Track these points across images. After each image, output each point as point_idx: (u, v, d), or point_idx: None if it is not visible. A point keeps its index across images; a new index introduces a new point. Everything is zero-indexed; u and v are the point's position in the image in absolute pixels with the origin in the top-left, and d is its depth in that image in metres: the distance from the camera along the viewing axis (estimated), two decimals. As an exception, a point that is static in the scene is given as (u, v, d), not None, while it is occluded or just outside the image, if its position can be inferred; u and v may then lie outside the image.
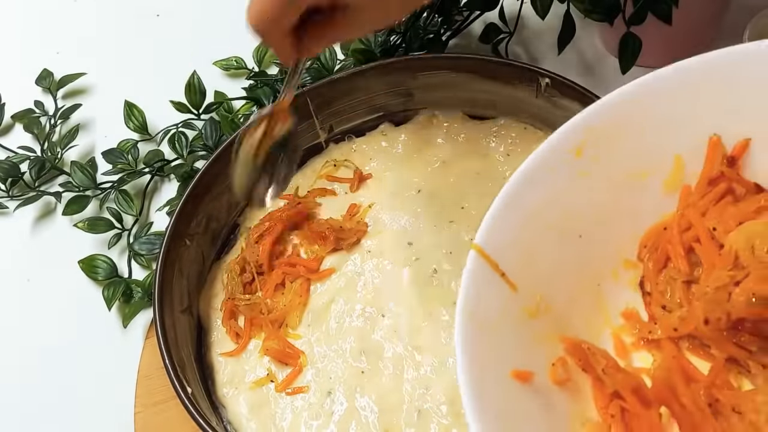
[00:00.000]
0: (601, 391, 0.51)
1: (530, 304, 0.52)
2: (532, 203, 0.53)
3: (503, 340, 0.51)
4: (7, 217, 0.88)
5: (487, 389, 0.48)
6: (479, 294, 0.50)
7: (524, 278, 0.52)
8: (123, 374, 0.74)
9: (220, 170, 0.75)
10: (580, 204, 0.55)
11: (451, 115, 0.80)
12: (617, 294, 0.55)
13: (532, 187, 0.54)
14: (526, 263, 0.53)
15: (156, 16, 1.04)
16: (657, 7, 0.73)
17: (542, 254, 0.53)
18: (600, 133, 0.54)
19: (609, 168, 0.54)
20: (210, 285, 0.75)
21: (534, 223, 0.53)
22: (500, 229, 0.53)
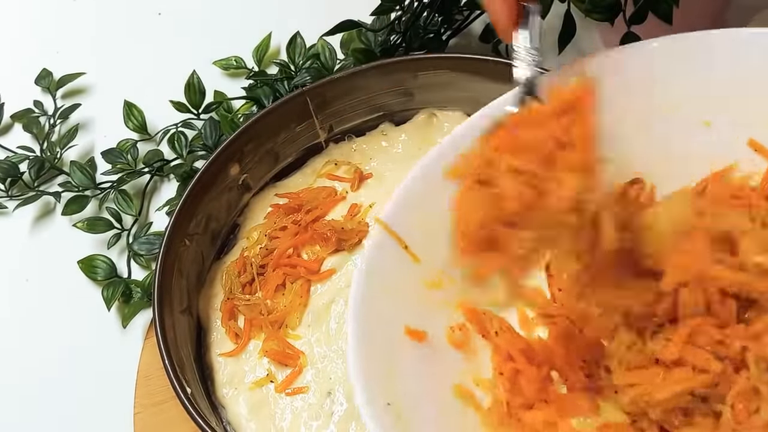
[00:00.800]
0: (498, 353, 0.55)
1: (431, 276, 0.56)
2: (437, 183, 0.55)
3: (400, 302, 0.55)
4: (6, 217, 0.88)
5: (376, 342, 0.52)
6: (381, 260, 0.55)
7: (428, 253, 0.56)
8: (122, 374, 0.73)
9: (219, 170, 0.75)
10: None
11: (451, 115, 0.80)
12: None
13: (438, 170, 0.56)
14: (429, 240, 0.56)
15: (158, 15, 1.04)
16: (657, 7, 0.73)
17: (445, 231, 0.54)
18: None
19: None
20: (209, 285, 0.74)
21: (438, 202, 0.54)
22: (404, 205, 0.56)
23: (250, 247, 0.75)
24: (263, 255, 0.73)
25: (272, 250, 0.73)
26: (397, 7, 0.83)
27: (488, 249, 0.48)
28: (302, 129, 0.79)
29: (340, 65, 0.88)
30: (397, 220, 0.56)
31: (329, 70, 0.88)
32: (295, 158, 0.80)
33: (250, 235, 0.76)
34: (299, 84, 0.85)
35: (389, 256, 0.55)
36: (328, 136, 0.81)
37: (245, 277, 0.72)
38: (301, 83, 0.85)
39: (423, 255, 0.56)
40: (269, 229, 0.75)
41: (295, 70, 0.90)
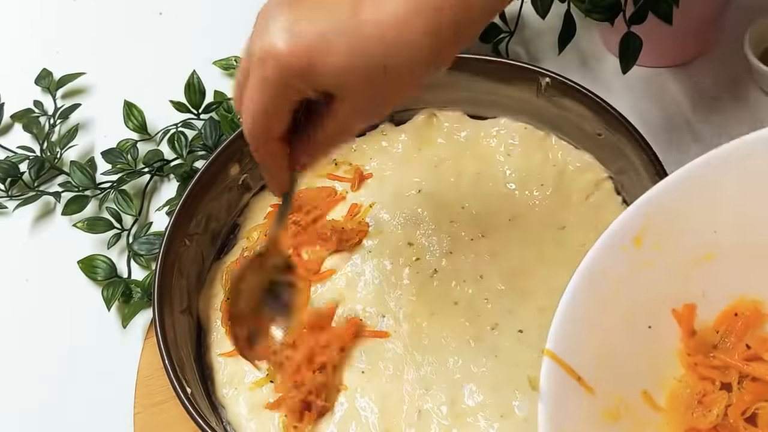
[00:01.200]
0: None
1: (609, 406, 0.50)
2: (597, 301, 0.52)
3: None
4: (6, 217, 0.88)
5: None
6: (558, 401, 0.48)
7: (600, 379, 0.50)
8: (122, 374, 0.73)
9: (219, 170, 0.75)
10: (646, 295, 0.53)
11: (451, 115, 0.80)
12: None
13: (596, 285, 0.52)
14: (599, 363, 0.51)
15: (158, 15, 1.04)
16: (657, 7, 0.73)
17: (614, 352, 0.52)
18: (659, 218, 0.52)
19: (672, 254, 0.53)
20: (210, 285, 0.74)
21: (602, 321, 0.52)
22: (570, 331, 0.50)
23: (250, 247, 0.75)
24: (263, 255, 0.73)
25: (272, 250, 0.73)
26: (397, 7, 0.83)
27: None
28: (302, 129, 0.79)
29: (340, 65, 0.88)
30: (564, 347, 0.50)
31: (329, 70, 0.88)
32: (295, 158, 0.80)
33: (250, 235, 0.76)
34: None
35: (567, 396, 0.49)
36: (328, 136, 0.81)
37: (245, 277, 0.72)
38: (301, 83, 0.84)
39: (595, 383, 0.50)
40: (269, 229, 0.75)
41: (295, 70, 0.90)
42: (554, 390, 0.48)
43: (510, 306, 0.67)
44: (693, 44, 0.84)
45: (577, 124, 0.73)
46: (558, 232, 0.70)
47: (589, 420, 0.49)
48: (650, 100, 0.83)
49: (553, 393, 0.48)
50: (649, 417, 0.52)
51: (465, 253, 0.70)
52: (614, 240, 0.52)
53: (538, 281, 0.68)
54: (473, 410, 0.62)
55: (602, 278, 0.52)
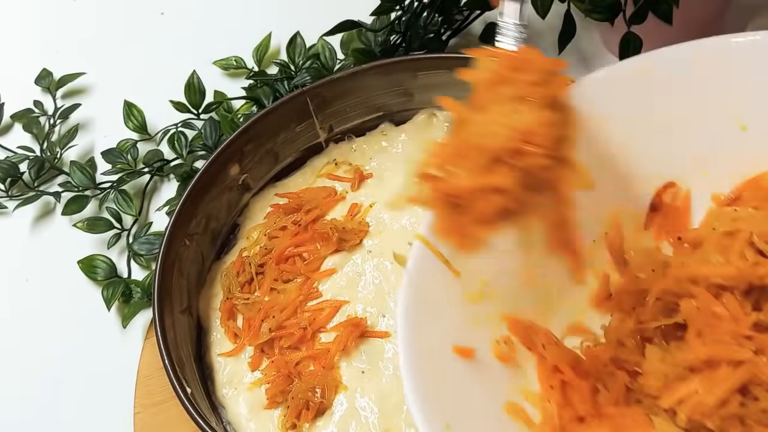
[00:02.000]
0: (544, 365, 0.55)
1: (473, 289, 0.55)
2: None
3: (446, 320, 0.54)
4: (6, 217, 0.88)
5: (427, 364, 0.51)
6: (423, 278, 0.53)
7: (468, 264, 0.55)
8: (122, 374, 0.73)
9: (219, 170, 0.75)
10: None
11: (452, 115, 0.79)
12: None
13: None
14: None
15: (159, 15, 1.04)
16: (657, 7, 0.73)
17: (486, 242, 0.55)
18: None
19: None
20: (209, 285, 0.74)
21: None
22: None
23: (249, 247, 0.75)
24: (262, 254, 0.73)
25: (271, 250, 0.73)
26: (397, 7, 0.83)
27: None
28: (302, 129, 0.79)
29: (340, 65, 0.88)
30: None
31: (329, 70, 0.88)
32: (295, 158, 0.80)
33: (249, 235, 0.76)
34: (299, 84, 0.85)
35: (431, 273, 0.54)
36: (328, 136, 0.81)
37: (243, 277, 0.72)
38: (301, 83, 0.85)
39: (462, 267, 0.55)
40: (269, 228, 0.75)
41: (295, 70, 0.90)
42: (420, 266, 0.54)
43: (510, 306, 0.67)
44: (693, 44, 0.84)
45: (577, 124, 0.73)
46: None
47: (450, 296, 0.54)
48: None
49: (418, 269, 0.54)
50: (516, 301, 0.57)
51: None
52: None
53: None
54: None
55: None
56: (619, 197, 0.60)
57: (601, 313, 0.59)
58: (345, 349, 0.67)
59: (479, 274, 0.55)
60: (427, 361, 0.51)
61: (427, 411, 0.48)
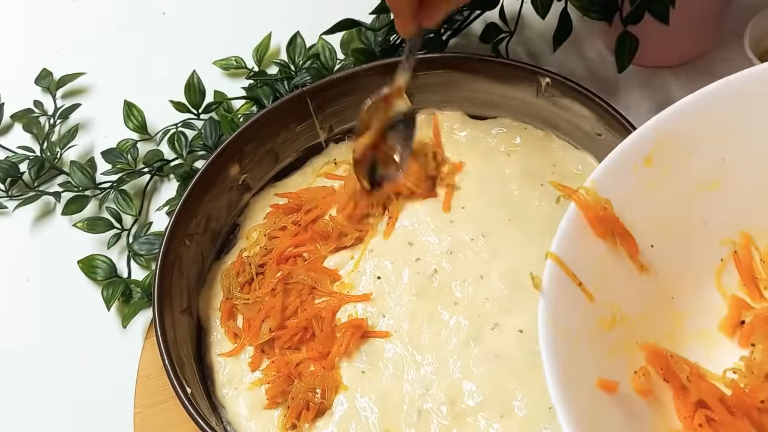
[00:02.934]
0: (684, 400, 0.51)
1: (606, 314, 0.51)
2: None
3: (585, 350, 0.50)
4: (6, 217, 0.88)
5: (575, 400, 0.46)
6: (559, 302, 0.49)
7: (599, 289, 0.51)
8: (122, 374, 0.73)
9: (219, 170, 0.75)
10: (651, 215, 0.54)
11: (451, 115, 0.80)
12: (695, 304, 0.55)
13: (609, 191, 0.53)
14: (600, 273, 0.52)
15: (161, 15, 1.04)
16: (654, 7, 0.73)
17: (616, 264, 0.53)
18: (671, 140, 0.53)
19: (680, 178, 0.53)
20: (209, 285, 0.74)
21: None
22: (574, 239, 0.51)
23: (249, 247, 0.75)
24: (262, 255, 0.73)
25: (271, 250, 0.73)
26: (397, 6, 0.83)
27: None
28: (302, 129, 0.79)
29: (340, 65, 0.88)
30: (568, 253, 0.51)
31: (329, 70, 0.88)
32: (295, 158, 0.80)
33: (249, 235, 0.76)
34: (299, 84, 0.85)
35: (567, 298, 0.50)
36: (328, 136, 0.81)
37: (243, 277, 0.72)
38: (301, 83, 0.85)
39: (596, 290, 0.51)
40: (269, 229, 0.75)
41: (295, 70, 0.90)
42: (555, 290, 0.49)
43: (510, 306, 0.67)
44: (693, 44, 0.84)
45: (577, 125, 0.73)
46: (558, 232, 0.70)
47: (586, 323, 0.50)
48: (650, 99, 0.83)
49: (554, 292, 0.49)
50: (646, 328, 0.53)
51: (465, 253, 0.70)
52: (624, 159, 0.53)
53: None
54: (473, 410, 0.62)
55: (609, 194, 0.52)
56: (753, 212, 0.56)
57: (733, 339, 0.55)
58: (346, 350, 0.67)
59: (611, 298, 0.52)
60: (576, 395, 0.47)
61: None
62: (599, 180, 0.53)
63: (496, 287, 0.68)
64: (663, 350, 0.52)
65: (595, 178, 0.53)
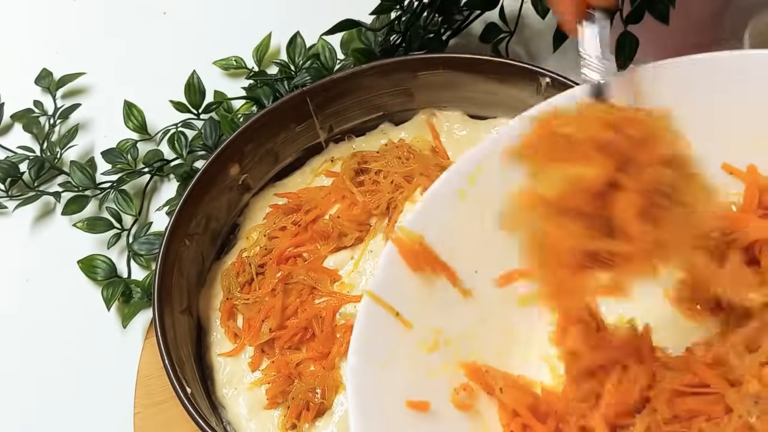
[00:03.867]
0: (504, 410, 0.54)
1: (428, 338, 0.55)
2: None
3: (398, 375, 0.53)
4: (6, 217, 0.88)
5: (380, 423, 0.51)
6: (371, 335, 0.53)
7: (419, 316, 0.55)
8: (123, 374, 0.73)
9: (219, 170, 0.75)
10: (471, 244, 0.58)
11: (451, 115, 0.80)
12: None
13: (423, 228, 0.56)
14: (420, 302, 0.55)
15: (162, 14, 1.04)
16: (654, 7, 0.73)
17: (437, 292, 0.56)
18: (479, 179, 0.58)
19: (491, 209, 0.54)
20: (210, 285, 0.74)
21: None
22: (392, 274, 0.55)
23: (249, 247, 0.75)
24: (262, 255, 0.73)
25: (271, 250, 0.73)
26: (396, 6, 0.83)
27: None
28: (302, 129, 0.79)
29: (340, 65, 0.88)
30: (386, 287, 0.55)
31: (329, 70, 0.88)
32: (295, 158, 0.80)
33: (249, 235, 0.76)
34: (299, 84, 0.85)
35: (380, 327, 0.54)
36: (328, 136, 0.81)
37: (243, 277, 0.72)
38: (301, 83, 0.85)
39: (414, 318, 0.55)
40: (268, 229, 0.75)
41: (295, 70, 0.90)
42: (367, 322, 0.53)
43: (510, 306, 0.67)
44: (693, 44, 0.84)
45: (576, 124, 0.73)
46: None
47: (402, 349, 0.54)
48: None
49: (366, 324, 0.53)
50: (475, 348, 0.56)
51: (465, 253, 0.70)
52: (438, 199, 0.58)
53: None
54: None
55: (425, 230, 0.56)
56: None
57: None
58: (346, 350, 0.66)
59: (432, 323, 0.55)
60: (380, 420, 0.51)
61: None
62: (414, 219, 0.57)
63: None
64: (480, 366, 0.55)
65: (409, 219, 0.57)
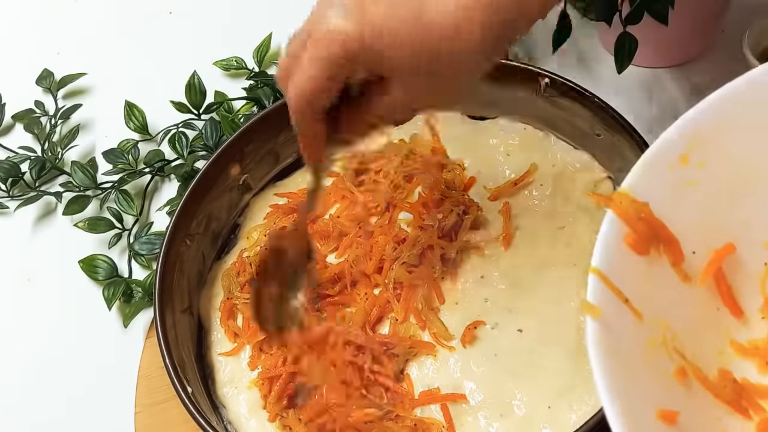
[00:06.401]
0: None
1: (656, 334, 0.46)
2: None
3: (641, 375, 0.44)
4: (7, 217, 0.88)
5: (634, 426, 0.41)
6: (608, 323, 0.44)
7: (646, 305, 0.46)
8: (123, 374, 0.74)
9: (220, 170, 0.75)
10: (691, 218, 0.49)
11: (451, 115, 0.80)
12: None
13: (648, 196, 0.48)
14: (645, 288, 0.47)
15: (167, 14, 1.04)
16: (653, 8, 0.73)
17: (659, 277, 0.48)
18: (705, 136, 0.49)
19: (718, 176, 0.49)
20: (210, 285, 0.75)
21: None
22: (615, 250, 0.46)
23: (250, 247, 0.75)
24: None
25: (272, 250, 0.73)
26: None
27: None
28: (302, 129, 0.79)
29: (341, 66, 0.88)
30: (610, 267, 0.45)
31: (329, 71, 0.88)
32: (295, 158, 0.81)
33: (250, 235, 0.77)
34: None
35: (615, 318, 0.44)
36: (328, 136, 0.81)
37: (244, 277, 0.73)
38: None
39: (642, 307, 0.45)
40: (269, 229, 0.75)
41: (296, 71, 0.90)
42: (603, 309, 0.44)
43: (509, 305, 0.67)
44: (692, 45, 0.84)
45: (576, 125, 0.74)
46: (557, 231, 0.70)
47: (638, 345, 0.45)
48: (649, 100, 0.83)
49: (603, 312, 0.44)
50: (694, 344, 0.48)
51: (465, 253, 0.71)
52: (658, 160, 0.48)
53: (538, 281, 0.68)
54: (473, 410, 0.62)
55: (647, 197, 0.48)
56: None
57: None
58: None
59: (658, 314, 0.46)
60: (637, 425, 0.42)
61: None
62: (634, 184, 0.48)
63: (496, 287, 0.68)
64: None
65: (630, 183, 0.48)
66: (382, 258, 0.69)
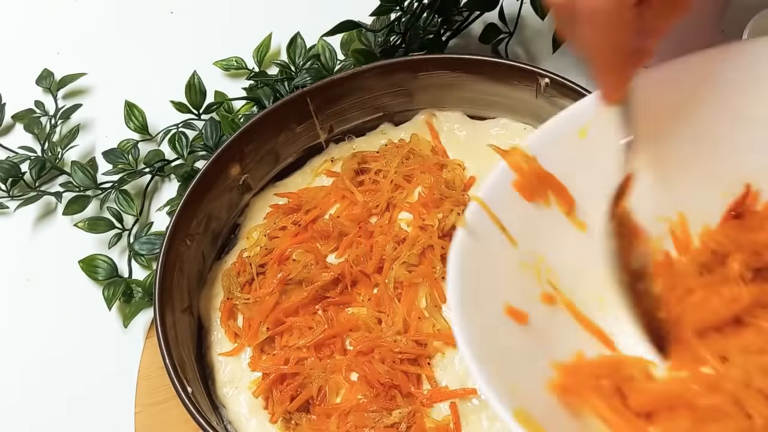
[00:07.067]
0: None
1: (529, 260, 0.52)
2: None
3: (499, 283, 0.50)
4: (7, 217, 0.88)
5: (477, 318, 0.47)
6: (478, 236, 0.50)
7: (525, 238, 0.52)
8: (123, 374, 0.74)
9: (220, 170, 0.75)
10: (585, 183, 0.54)
11: (451, 115, 0.80)
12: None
13: (538, 153, 0.54)
14: (529, 227, 0.53)
15: (169, 14, 1.04)
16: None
17: (547, 222, 0.53)
18: (606, 116, 0.53)
19: (612, 155, 0.53)
20: (210, 285, 0.75)
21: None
22: (501, 190, 0.53)
23: (250, 247, 0.75)
24: (263, 255, 0.73)
25: (272, 250, 0.73)
26: (396, 7, 0.84)
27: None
28: (302, 129, 0.79)
29: (341, 66, 0.89)
30: (493, 199, 0.52)
31: (329, 71, 0.88)
32: (295, 159, 0.81)
33: (250, 235, 0.77)
34: (299, 84, 0.85)
35: (486, 235, 0.51)
36: (328, 136, 0.81)
37: (244, 277, 0.73)
38: (301, 84, 0.85)
39: (520, 237, 0.52)
40: (269, 229, 0.75)
41: (296, 71, 0.90)
42: (476, 224, 0.50)
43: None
44: (692, 44, 0.84)
45: (576, 125, 0.74)
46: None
47: (506, 258, 0.51)
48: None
49: (473, 229, 0.50)
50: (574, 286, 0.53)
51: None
52: (559, 129, 0.55)
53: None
54: (477, 409, 0.62)
55: (544, 153, 0.54)
56: (687, 193, 0.56)
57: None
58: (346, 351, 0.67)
59: (537, 248, 0.53)
60: (479, 315, 0.48)
61: (484, 367, 0.45)
62: (530, 144, 0.54)
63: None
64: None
65: (526, 143, 0.54)
66: (382, 258, 0.69)
